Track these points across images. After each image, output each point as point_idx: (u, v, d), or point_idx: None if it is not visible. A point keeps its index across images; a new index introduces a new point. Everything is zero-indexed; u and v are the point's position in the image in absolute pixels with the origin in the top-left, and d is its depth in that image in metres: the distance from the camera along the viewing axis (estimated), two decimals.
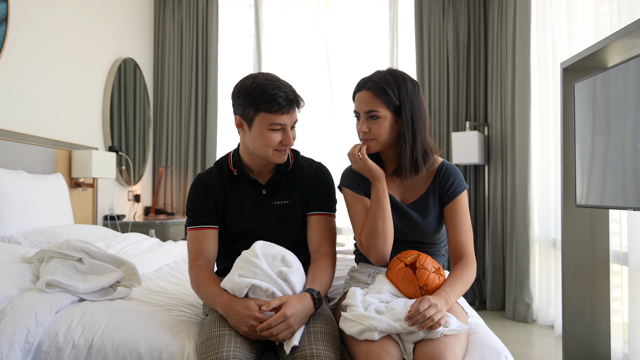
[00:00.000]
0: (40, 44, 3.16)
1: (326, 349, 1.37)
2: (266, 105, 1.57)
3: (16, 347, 1.50)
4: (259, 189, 1.72)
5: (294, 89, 1.64)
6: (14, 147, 2.83)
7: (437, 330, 1.35)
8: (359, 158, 1.61)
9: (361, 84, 1.67)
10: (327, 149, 4.65)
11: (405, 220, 1.67)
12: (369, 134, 1.63)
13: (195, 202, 1.70)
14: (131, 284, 1.86)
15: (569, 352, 2.49)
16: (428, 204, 1.67)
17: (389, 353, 1.32)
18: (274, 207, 1.71)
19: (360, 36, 4.76)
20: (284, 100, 1.58)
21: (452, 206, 1.66)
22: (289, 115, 1.61)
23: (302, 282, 1.54)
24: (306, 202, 1.73)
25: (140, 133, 4.52)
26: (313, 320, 1.47)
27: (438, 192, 1.68)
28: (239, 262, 1.52)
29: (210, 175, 1.74)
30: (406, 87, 1.62)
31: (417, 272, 1.50)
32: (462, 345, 1.40)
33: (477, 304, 4.39)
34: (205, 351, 1.37)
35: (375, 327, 1.36)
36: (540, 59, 3.78)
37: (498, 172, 4.32)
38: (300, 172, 1.75)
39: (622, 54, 2.16)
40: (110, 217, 3.89)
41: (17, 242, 2.37)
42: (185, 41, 4.75)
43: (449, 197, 1.66)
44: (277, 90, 1.57)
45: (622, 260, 2.62)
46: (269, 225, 1.70)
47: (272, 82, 1.59)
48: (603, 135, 2.05)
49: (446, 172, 1.68)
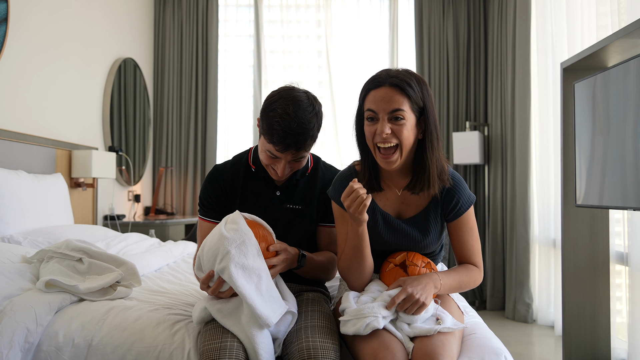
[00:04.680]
0: (40, 44, 3.16)
1: (323, 340, 1.38)
2: (266, 134, 1.57)
3: (16, 347, 1.50)
4: (273, 189, 1.71)
5: (305, 131, 1.52)
6: (14, 147, 2.83)
7: (430, 328, 1.36)
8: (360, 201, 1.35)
9: (380, 80, 1.41)
10: (326, 149, 4.65)
11: (403, 237, 1.54)
12: (392, 137, 1.39)
13: (206, 195, 1.73)
14: (131, 284, 1.86)
15: (569, 352, 2.49)
16: (429, 220, 1.53)
17: (394, 355, 1.31)
18: (286, 210, 1.70)
19: (361, 36, 4.76)
20: (281, 141, 1.53)
21: (457, 223, 1.53)
22: (283, 154, 1.57)
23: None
24: (322, 211, 1.72)
25: (140, 133, 4.52)
26: (311, 317, 1.48)
27: (441, 210, 1.53)
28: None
29: (225, 168, 1.74)
30: (426, 88, 1.44)
31: (408, 269, 1.52)
32: (458, 344, 1.41)
33: (477, 304, 4.39)
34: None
35: (376, 313, 1.37)
36: (540, 59, 3.78)
37: (498, 172, 4.32)
38: (321, 179, 1.73)
39: (622, 54, 2.16)
40: (110, 217, 3.89)
41: (17, 242, 2.37)
42: (185, 41, 4.75)
43: (453, 216, 1.52)
44: (280, 127, 1.52)
45: (623, 261, 2.62)
46: (278, 227, 1.68)
47: (283, 116, 1.52)
48: (603, 135, 2.04)
49: (450, 190, 1.50)
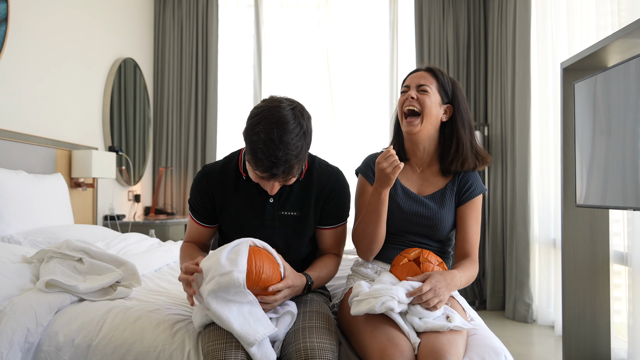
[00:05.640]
0: (40, 44, 3.16)
1: (321, 341, 1.38)
2: (250, 160, 1.45)
3: (16, 347, 1.50)
4: (266, 196, 1.59)
5: (292, 157, 1.42)
6: (14, 147, 2.83)
7: (443, 324, 1.38)
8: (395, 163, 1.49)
9: (418, 68, 1.75)
10: (327, 149, 4.64)
11: (421, 208, 1.68)
12: (415, 102, 1.65)
13: (193, 199, 1.66)
14: (131, 284, 1.86)
15: (569, 352, 2.49)
16: (445, 198, 1.69)
17: (402, 353, 1.32)
18: (281, 217, 1.60)
19: (360, 36, 4.75)
20: (266, 171, 1.44)
21: (467, 207, 1.69)
22: (269, 181, 1.48)
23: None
24: (320, 213, 1.64)
25: (140, 133, 4.52)
26: (309, 317, 1.48)
27: (456, 190, 1.70)
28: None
29: (214, 171, 1.63)
30: (457, 86, 1.72)
31: (421, 265, 1.53)
32: (464, 344, 1.42)
33: (477, 304, 4.39)
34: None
35: (393, 295, 1.39)
36: (540, 59, 3.78)
37: (498, 172, 4.32)
38: (317, 181, 1.62)
39: (622, 54, 2.16)
40: (110, 217, 3.89)
41: (17, 242, 2.37)
42: (185, 41, 4.75)
43: (466, 198, 1.69)
44: (264, 156, 1.41)
45: (623, 261, 2.62)
46: (274, 237, 1.61)
47: (266, 143, 1.40)
48: (603, 135, 2.04)
49: (466, 174, 1.72)
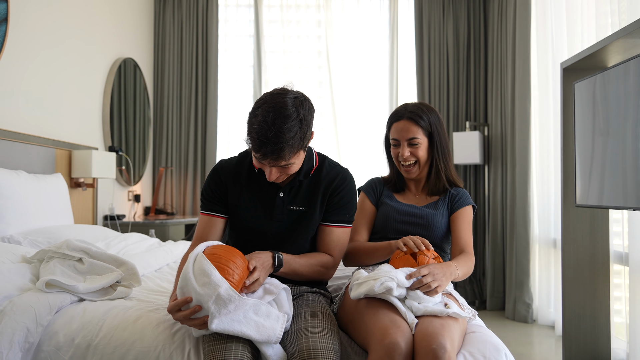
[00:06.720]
0: (40, 43, 3.16)
1: (323, 340, 1.38)
2: (249, 140, 1.54)
3: (16, 347, 1.50)
4: (276, 190, 1.68)
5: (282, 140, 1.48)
6: (14, 147, 2.83)
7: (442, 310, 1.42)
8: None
9: (399, 114, 1.90)
10: (326, 149, 4.65)
11: (416, 209, 1.90)
12: (411, 157, 1.89)
13: (208, 189, 1.72)
14: (131, 284, 1.87)
15: (569, 352, 2.49)
16: (438, 205, 1.92)
17: (404, 334, 1.36)
18: (289, 211, 1.68)
19: (361, 36, 4.75)
20: (257, 149, 1.51)
21: (458, 214, 1.89)
22: (261, 162, 1.55)
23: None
24: (325, 210, 1.70)
25: (140, 133, 4.52)
26: (311, 317, 1.48)
27: (448, 200, 1.93)
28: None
29: (229, 165, 1.73)
30: (435, 115, 1.91)
31: (418, 257, 1.60)
32: (459, 331, 1.45)
33: (477, 304, 4.39)
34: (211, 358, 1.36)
35: (392, 276, 1.46)
36: (540, 59, 3.78)
37: (498, 172, 4.32)
38: (325, 178, 1.70)
39: (622, 54, 2.16)
40: (110, 217, 3.89)
41: (17, 242, 2.37)
42: (185, 41, 4.75)
43: (457, 206, 1.90)
44: (257, 135, 1.50)
45: (623, 261, 2.62)
46: (283, 229, 1.68)
47: (261, 124, 1.49)
48: (603, 136, 2.04)
49: (455, 190, 1.94)
